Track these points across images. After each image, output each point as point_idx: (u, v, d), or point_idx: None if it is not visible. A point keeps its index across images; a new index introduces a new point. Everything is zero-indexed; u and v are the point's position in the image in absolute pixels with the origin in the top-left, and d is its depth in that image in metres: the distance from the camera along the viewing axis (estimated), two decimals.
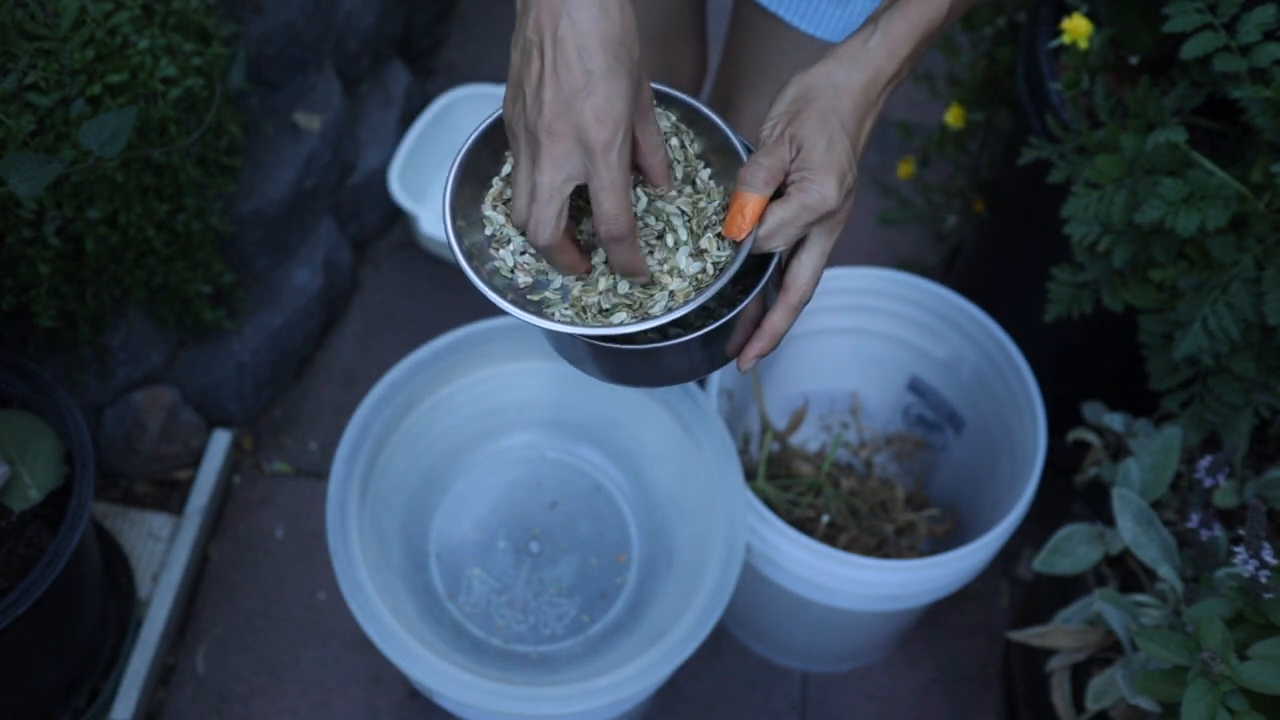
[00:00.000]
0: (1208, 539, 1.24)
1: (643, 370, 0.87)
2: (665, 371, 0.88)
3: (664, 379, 0.90)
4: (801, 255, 0.81)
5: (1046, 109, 1.46)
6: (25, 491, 1.34)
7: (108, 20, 1.36)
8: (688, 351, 0.84)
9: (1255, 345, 1.26)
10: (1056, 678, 1.37)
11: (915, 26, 0.79)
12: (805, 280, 0.81)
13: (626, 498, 1.53)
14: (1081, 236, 1.33)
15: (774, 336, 0.83)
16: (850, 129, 0.78)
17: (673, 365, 0.86)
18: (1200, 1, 1.18)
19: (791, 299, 0.81)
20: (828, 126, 0.77)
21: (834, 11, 1.16)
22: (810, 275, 0.81)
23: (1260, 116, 1.18)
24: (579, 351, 0.87)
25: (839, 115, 0.77)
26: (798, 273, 0.81)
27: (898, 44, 0.79)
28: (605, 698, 1.24)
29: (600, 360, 0.87)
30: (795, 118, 0.77)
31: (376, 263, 2.08)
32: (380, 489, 1.41)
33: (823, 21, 1.18)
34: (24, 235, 1.36)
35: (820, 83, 0.78)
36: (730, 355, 0.86)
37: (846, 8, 1.16)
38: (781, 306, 0.82)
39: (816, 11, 1.17)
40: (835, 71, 0.78)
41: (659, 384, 0.91)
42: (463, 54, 2.38)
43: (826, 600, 1.42)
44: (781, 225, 0.78)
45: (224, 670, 1.66)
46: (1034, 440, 1.45)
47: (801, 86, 0.79)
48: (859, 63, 0.78)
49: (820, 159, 0.76)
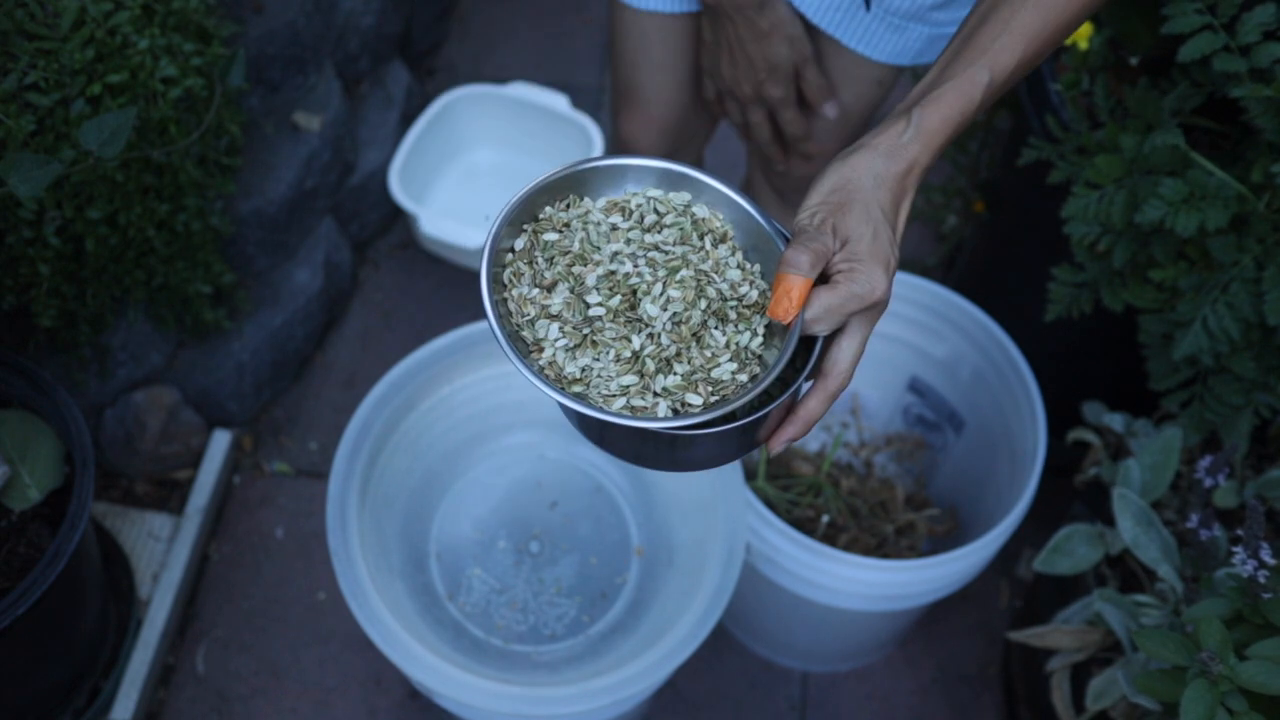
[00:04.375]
0: (1207, 539, 1.24)
1: (675, 457, 0.85)
2: (696, 459, 0.85)
3: (693, 465, 0.87)
4: (842, 341, 0.80)
5: (1046, 109, 1.46)
6: (25, 491, 1.34)
7: (108, 20, 1.36)
8: (721, 441, 0.82)
9: (1255, 345, 1.26)
10: (1056, 678, 1.37)
11: (948, 120, 0.82)
12: (845, 367, 0.80)
13: (626, 498, 1.53)
14: (1081, 236, 1.33)
15: (809, 422, 0.82)
16: (891, 219, 0.80)
17: (705, 453, 0.84)
18: (1200, 2, 1.18)
19: (830, 386, 0.81)
20: (871, 218, 0.78)
21: (891, 37, 1.23)
22: (850, 362, 0.80)
23: (1260, 116, 1.18)
24: (626, 443, 0.84)
25: (880, 206, 0.79)
26: (838, 359, 0.80)
27: (933, 137, 0.81)
28: (605, 698, 1.24)
29: (629, 444, 0.84)
30: (838, 209, 0.79)
31: (376, 263, 2.08)
32: (380, 489, 1.41)
33: (880, 46, 1.24)
34: (24, 235, 1.36)
35: (861, 175, 0.79)
36: (761, 441, 0.84)
37: (903, 35, 1.23)
38: (819, 393, 0.81)
39: (874, 37, 1.23)
40: (874, 164, 0.80)
41: (686, 469, 0.88)
42: (463, 54, 2.38)
43: (826, 600, 1.42)
44: (828, 311, 0.78)
45: (224, 670, 1.66)
46: (1034, 440, 1.45)
47: (840, 178, 0.80)
48: (896, 156, 0.80)
49: (867, 249, 0.78)
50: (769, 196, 1.54)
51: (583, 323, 0.80)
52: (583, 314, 0.80)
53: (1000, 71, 0.83)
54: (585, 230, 0.84)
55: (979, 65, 0.83)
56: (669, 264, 0.82)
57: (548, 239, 0.84)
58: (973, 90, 0.83)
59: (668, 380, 0.79)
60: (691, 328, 0.80)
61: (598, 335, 0.80)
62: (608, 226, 0.85)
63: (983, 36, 0.84)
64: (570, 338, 0.80)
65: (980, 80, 0.83)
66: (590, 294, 0.81)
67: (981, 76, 0.83)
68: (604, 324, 0.80)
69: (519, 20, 2.46)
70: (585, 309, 0.81)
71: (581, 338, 0.80)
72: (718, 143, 2.20)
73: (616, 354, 0.80)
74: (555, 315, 0.81)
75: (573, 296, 0.81)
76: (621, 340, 0.80)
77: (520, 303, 0.82)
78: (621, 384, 0.79)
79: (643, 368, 0.79)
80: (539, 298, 0.82)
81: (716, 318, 0.81)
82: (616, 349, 0.80)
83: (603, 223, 0.85)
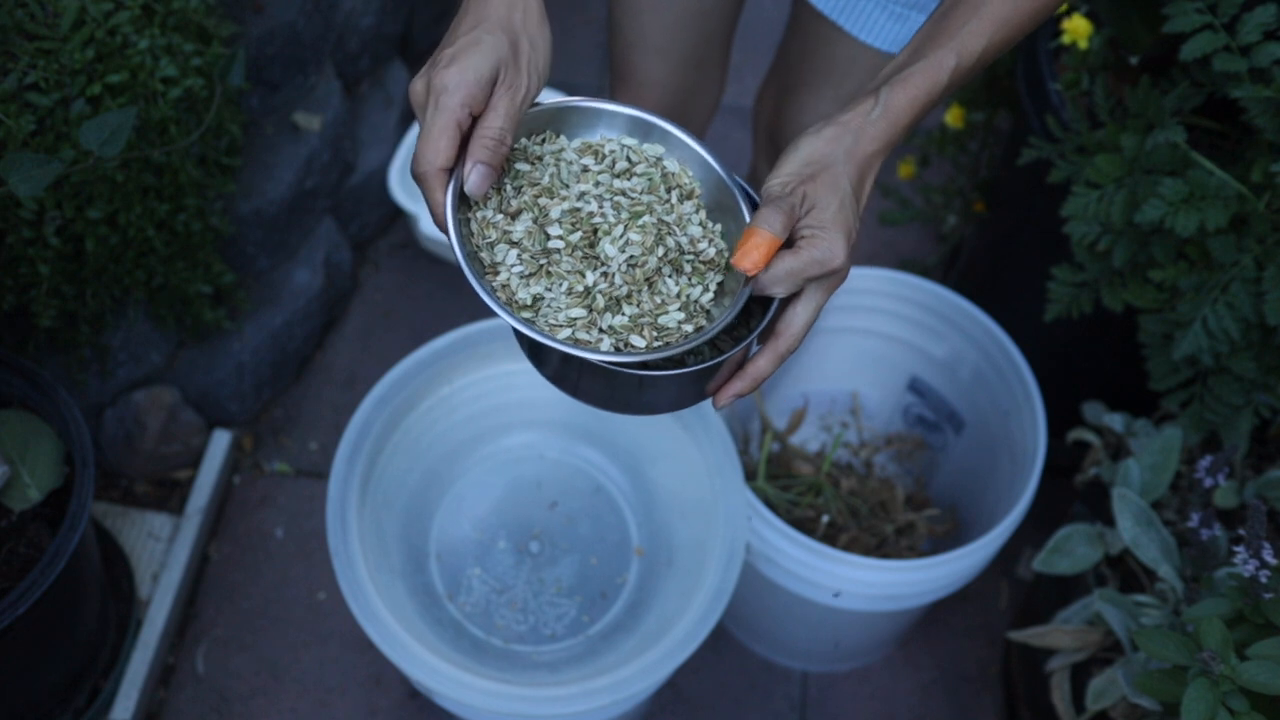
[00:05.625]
0: (1208, 539, 1.24)
1: (631, 398, 0.89)
2: (650, 402, 0.89)
3: (647, 408, 0.91)
4: (797, 305, 0.84)
5: (1046, 109, 1.46)
6: (25, 491, 1.34)
7: (108, 20, 1.36)
8: (678, 385, 0.86)
9: (1255, 345, 1.26)
10: (1056, 678, 1.37)
11: (914, 101, 0.86)
12: (798, 329, 0.84)
13: (626, 498, 1.53)
14: (1081, 236, 1.33)
15: (756, 379, 0.86)
16: (857, 192, 0.84)
17: (660, 397, 0.88)
18: (1200, 1, 1.18)
19: (780, 346, 0.85)
20: (839, 189, 0.82)
21: (893, 26, 1.25)
22: (802, 326, 0.84)
23: (1260, 116, 1.18)
24: (568, 372, 0.88)
25: (849, 179, 0.83)
26: (791, 320, 0.84)
27: (899, 116, 0.85)
28: (605, 698, 1.24)
29: (592, 382, 0.87)
30: (810, 179, 0.83)
31: (376, 263, 2.08)
32: (380, 489, 1.41)
33: (883, 34, 1.26)
34: (24, 235, 1.36)
35: (833, 150, 0.84)
36: (710, 392, 0.88)
37: (905, 24, 1.25)
38: (769, 352, 0.85)
39: (877, 25, 1.26)
40: (844, 140, 0.84)
41: (642, 412, 0.92)
42: None
43: (826, 600, 1.42)
44: (789, 274, 0.81)
45: (224, 670, 1.66)
46: (1034, 440, 1.45)
47: (813, 151, 0.84)
48: (864, 134, 0.84)
49: (831, 218, 0.82)
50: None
51: (541, 253, 0.83)
52: (542, 244, 0.84)
53: (968, 56, 0.87)
54: (557, 167, 0.87)
55: (947, 49, 0.86)
56: (633, 209, 0.85)
57: (519, 168, 0.87)
58: (939, 74, 0.86)
59: (615, 319, 0.83)
60: (646, 273, 0.83)
61: (553, 266, 0.83)
62: (579, 167, 0.88)
63: (953, 21, 0.87)
64: (527, 265, 0.83)
65: (947, 64, 0.86)
66: (552, 226, 0.84)
67: (949, 60, 0.86)
68: (561, 257, 0.83)
69: None
70: (545, 240, 0.84)
71: (538, 267, 0.83)
72: (718, 141, 2.20)
73: (570, 287, 0.83)
74: (516, 242, 0.84)
75: (535, 227, 0.84)
76: (575, 275, 0.83)
77: (484, 225, 0.85)
78: (570, 315, 0.82)
79: (592, 303, 0.83)
80: (502, 223, 0.85)
81: (672, 267, 0.85)
82: (570, 282, 0.83)
83: (575, 162, 0.88)
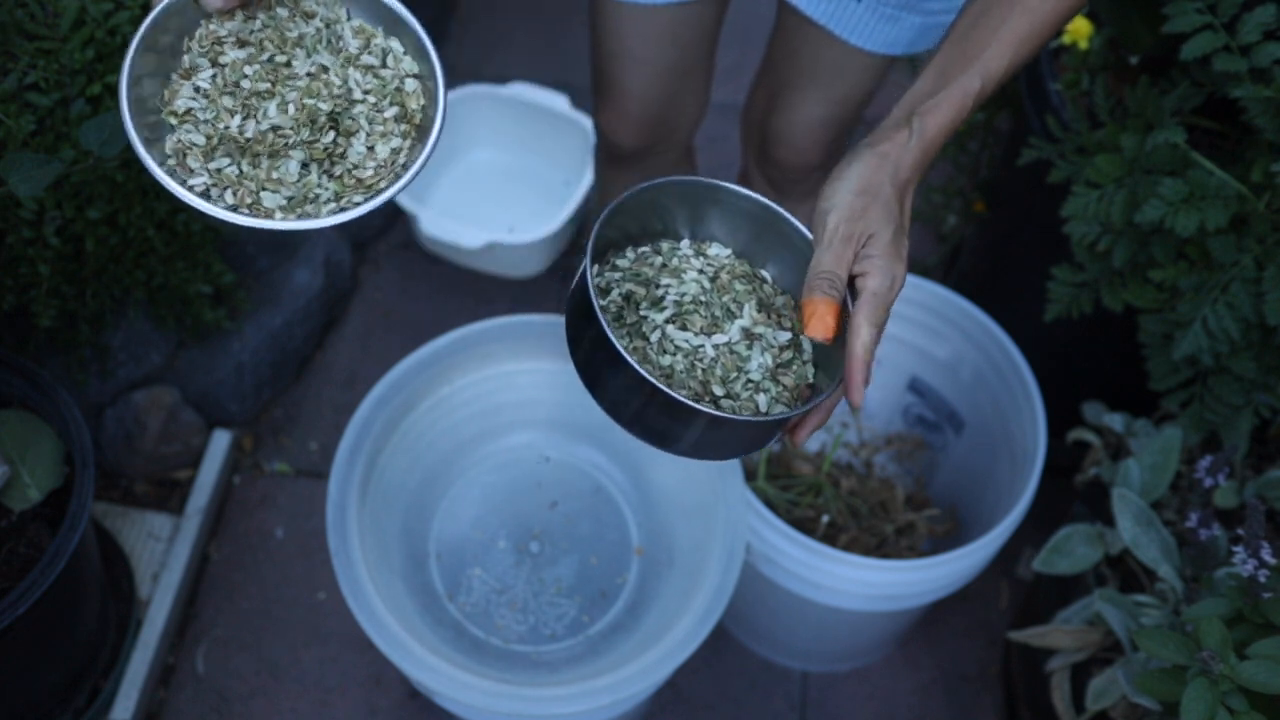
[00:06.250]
0: (1207, 539, 1.24)
1: (695, 438, 0.87)
2: (715, 444, 0.87)
3: (713, 451, 0.89)
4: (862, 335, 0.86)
5: (1046, 109, 1.46)
6: (25, 491, 1.34)
7: (108, 20, 1.36)
8: (751, 431, 0.86)
9: (1255, 345, 1.26)
10: (1056, 678, 1.37)
11: (943, 128, 0.89)
12: (869, 360, 0.87)
13: (627, 498, 1.53)
14: (1081, 236, 1.33)
15: (831, 410, 0.89)
16: (901, 218, 0.89)
17: (728, 440, 0.87)
18: (1200, 2, 1.18)
19: (856, 378, 0.86)
20: (892, 218, 0.87)
21: (884, 27, 1.24)
22: (872, 351, 0.87)
23: (1260, 116, 1.18)
24: (633, 401, 0.86)
25: (897, 205, 0.88)
26: (858, 352, 0.86)
27: (931, 144, 0.89)
28: (605, 698, 1.24)
29: (656, 417, 0.85)
30: (863, 213, 0.87)
31: (376, 263, 2.09)
32: (380, 489, 1.41)
33: (872, 36, 1.25)
34: (24, 235, 1.36)
35: (879, 179, 0.88)
36: (786, 431, 0.89)
37: (896, 25, 1.23)
38: (843, 385, 0.86)
39: (868, 28, 1.24)
40: (885, 169, 0.88)
41: (707, 456, 0.90)
42: (463, 54, 2.38)
43: (826, 600, 1.42)
44: (876, 328, 0.85)
45: (224, 670, 1.66)
46: (1034, 440, 1.45)
47: (863, 181, 0.87)
48: (902, 163, 0.88)
49: (889, 244, 0.86)
50: (763, 188, 1.54)
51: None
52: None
53: (990, 78, 0.91)
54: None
55: (971, 73, 0.90)
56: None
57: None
58: (966, 99, 0.90)
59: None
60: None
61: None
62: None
63: (973, 44, 0.90)
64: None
65: (972, 89, 0.90)
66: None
67: (974, 85, 0.90)
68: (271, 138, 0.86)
69: (519, 20, 2.46)
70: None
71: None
72: (715, 143, 2.21)
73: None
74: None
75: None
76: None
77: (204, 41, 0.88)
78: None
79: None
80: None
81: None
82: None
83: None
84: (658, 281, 0.90)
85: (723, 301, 0.90)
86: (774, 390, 0.87)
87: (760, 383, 0.87)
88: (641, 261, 0.92)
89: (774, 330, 0.90)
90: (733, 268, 0.93)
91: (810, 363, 0.91)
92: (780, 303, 0.93)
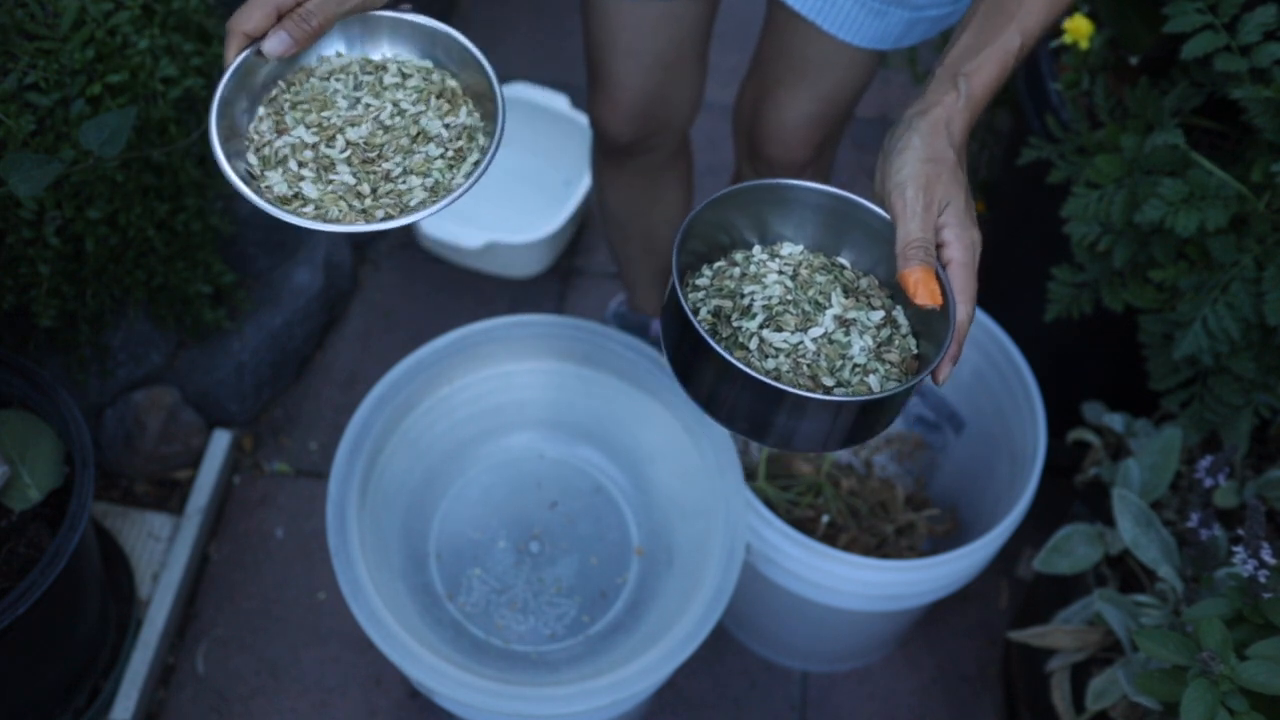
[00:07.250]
0: (1207, 539, 1.24)
1: (786, 424, 0.86)
2: (804, 432, 0.86)
3: (803, 440, 0.88)
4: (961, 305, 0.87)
5: (1046, 109, 1.46)
6: (25, 491, 1.34)
7: (108, 20, 1.36)
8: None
9: (1255, 345, 1.26)
10: (1056, 678, 1.37)
11: (988, 85, 0.90)
12: (971, 310, 0.88)
13: (627, 498, 1.53)
14: (1081, 236, 1.33)
15: (957, 355, 0.89)
16: (965, 180, 0.90)
17: (814, 427, 0.86)
18: (1200, 2, 1.18)
19: (954, 351, 0.87)
20: (960, 182, 0.88)
21: (872, 22, 1.23)
22: (973, 307, 0.88)
23: (1260, 116, 1.18)
24: (730, 390, 0.85)
25: (961, 168, 0.89)
26: (964, 326, 0.87)
27: (979, 102, 0.90)
28: (605, 698, 1.24)
29: (750, 403, 0.85)
30: (934, 181, 0.87)
31: (376, 263, 2.09)
32: (380, 489, 1.41)
33: (860, 31, 1.24)
34: (24, 235, 1.36)
35: (941, 146, 0.88)
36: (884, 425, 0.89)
37: (884, 20, 1.23)
38: (947, 362, 0.86)
39: (855, 22, 1.24)
40: (942, 132, 0.89)
41: (791, 447, 0.89)
42: None
43: (826, 600, 1.42)
44: (970, 299, 0.86)
45: (224, 670, 1.66)
46: (1034, 440, 1.45)
47: (928, 149, 0.88)
48: (954, 124, 0.89)
49: (963, 209, 0.87)
50: None
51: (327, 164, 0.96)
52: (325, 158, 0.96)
53: (1029, 34, 0.91)
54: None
55: (1010, 31, 0.90)
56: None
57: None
58: (1007, 57, 0.90)
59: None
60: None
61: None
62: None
63: (1008, 1, 0.90)
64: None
65: (1013, 46, 0.90)
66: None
67: (1014, 41, 0.90)
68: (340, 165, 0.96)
69: (519, 20, 2.46)
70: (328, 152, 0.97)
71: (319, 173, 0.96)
72: (713, 144, 2.20)
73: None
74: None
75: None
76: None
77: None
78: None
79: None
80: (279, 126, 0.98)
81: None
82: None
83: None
84: (741, 291, 0.90)
85: (809, 296, 0.90)
86: (882, 370, 0.87)
87: (867, 364, 0.87)
88: (720, 276, 0.92)
89: (866, 312, 0.90)
90: (810, 262, 0.93)
91: (910, 335, 0.91)
92: (865, 285, 0.93)
